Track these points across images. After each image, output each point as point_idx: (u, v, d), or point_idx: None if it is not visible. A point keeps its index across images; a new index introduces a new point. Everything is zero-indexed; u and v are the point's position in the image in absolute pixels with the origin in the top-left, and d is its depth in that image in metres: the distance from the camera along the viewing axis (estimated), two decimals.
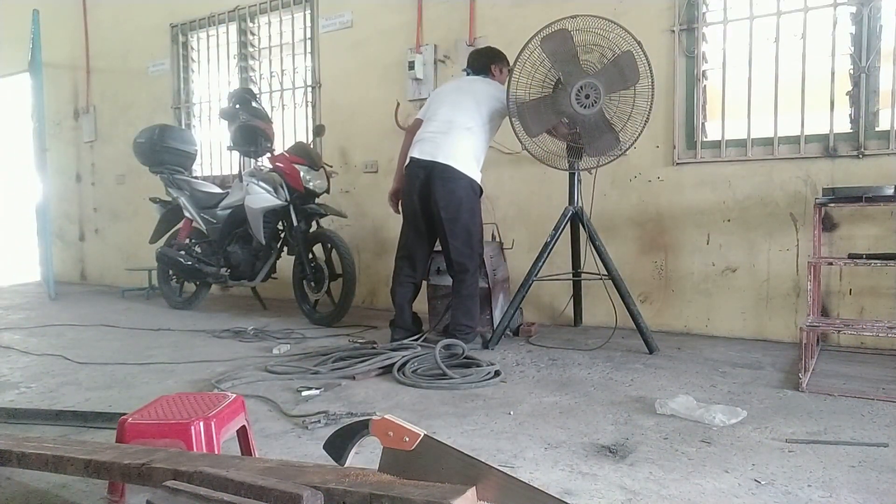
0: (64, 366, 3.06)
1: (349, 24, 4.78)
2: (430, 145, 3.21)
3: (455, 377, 2.63)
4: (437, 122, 3.26)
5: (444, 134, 3.21)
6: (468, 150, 3.21)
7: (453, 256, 3.19)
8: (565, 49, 3.03)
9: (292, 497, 1.06)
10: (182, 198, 4.61)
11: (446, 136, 3.20)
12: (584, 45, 3.06)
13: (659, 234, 3.69)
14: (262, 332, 3.74)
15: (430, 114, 3.34)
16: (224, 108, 4.42)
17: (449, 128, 3.21)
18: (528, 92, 3.14)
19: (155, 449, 1.42)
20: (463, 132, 3.21)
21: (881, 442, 1.91)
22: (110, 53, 6.37)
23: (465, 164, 3.18)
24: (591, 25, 3.03)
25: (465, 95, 3.30)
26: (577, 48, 3.03)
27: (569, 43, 3.02)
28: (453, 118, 3.23)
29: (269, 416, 2.25)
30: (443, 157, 3.16)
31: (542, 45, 3.05)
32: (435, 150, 3.19)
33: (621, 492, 1.60)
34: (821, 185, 3.17)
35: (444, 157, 3.16)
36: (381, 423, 1.28)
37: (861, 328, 2.62)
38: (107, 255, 6.61)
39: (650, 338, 3.13)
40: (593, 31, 3.05)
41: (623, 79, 2.98)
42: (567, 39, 3.02)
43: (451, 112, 3.25)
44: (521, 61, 3.13)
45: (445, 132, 3.21)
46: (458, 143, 3.19)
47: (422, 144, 3.25)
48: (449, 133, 3.20)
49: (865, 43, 3.13)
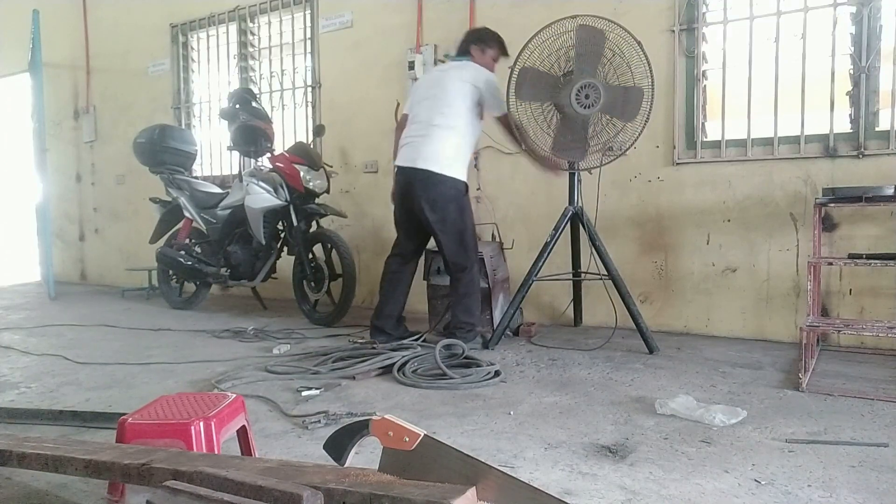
0: (64, 366, 3.06)
1: (349, 24, 4.78)
2: (411, 150, 3.19)
3: (455, 377, 2.63)
4: (417, 123, 3.23)
5: (424, 137, 3.17)
6: (450, 150, 3.16)
7: (448, 257, 3.20)
8: (592, 48, 3.02)
9: (292, 497, 1.06)
10: (182, 198, 4.61)
11: (425, 140, 3.16)
12: (590, 45, 3.05)
13: (659, 234, 3.69)
14: (262, 332, 3.74)
15: (412, 112, 3.30)
16: (224, 108, 4.42)
17: (428, 130, 3.17)
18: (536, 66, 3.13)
19: (155, 449, 1.42)
20: (443, 132, 3.15)
21: (881, 442, 1.91)
22: (110, 53, 6.37)
23: (448, 165, 3.14)
24: (593, 24, 3.03)
25: (442, 90, 3.21)
26: (601, 50, 3.02)
27: (599, 44, 3.02)
28: (431, 118, 3.17)
29: (269, 416, 2.25)
30: (422, 162, 3.13)
31: (578, 31, 3.03)
32: (415, 154, 3.16)
33: (621, 492, 1.60)
34: (821, 185, 3.17)
35: (424, 161, 3.13)
36: (381, 423, 1.28)
37: (861, 328, 2.62)
38: (107, 255, 6.61)
39: (650, 338, 3.13)
40: (596, 31, 3.04)
41: (623, 106, 3.02)
42: (599, 40, 3.02)
43: (429, 111, 3.19)
44: (541, 38, 3.10)
45: (424, 135, 3.17)
46: (439, 145, 3.15)
47: (404, 150, 3.24)
48: (428, 136, 3.16)
49: (865, 43, 3.13)
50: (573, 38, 3.05)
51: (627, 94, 3.01)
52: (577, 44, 3.04)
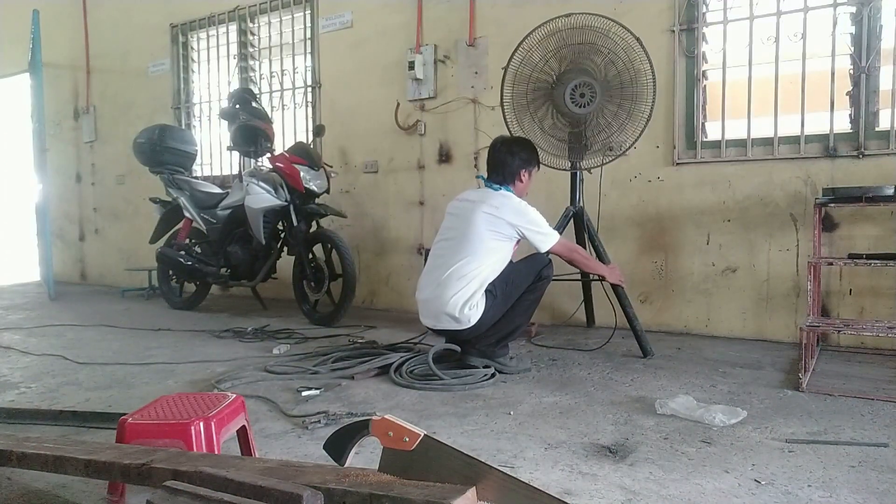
0: (64, 366, 3.06)
1: (349, 24, 4.78)
2: (425, 308, 2.83)
3: (445, 377, 2.61)
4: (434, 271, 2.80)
5: (438, 289, 2.73)
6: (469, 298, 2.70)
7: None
8: (587, 46, 3.02)
9: (292, 497, 1.06)
10: (182, 198, 4.61)
11: (438, 300, 2.73)
12: (586, 44, 3.06)
13: (659, 234, 3.69)
14: (262, 332, 3.74)
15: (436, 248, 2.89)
16: (224, 109, 4.42)
17: (446, 280, 2.72)
18: (527, 88, 3.12)
19: (155, 449, 1.41)
20: (461, 282, 2.70)
21: (881, 442, 1.91)
22: (110, 53, 6.37)
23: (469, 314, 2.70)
24: (590, 23, 3.03)
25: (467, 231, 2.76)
26: (597, 48, 3.02)
27: (594, 42, 3.02)
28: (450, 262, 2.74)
29: (269, 416, 2.25)
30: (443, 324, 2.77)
31: (571, 29, 3.01)
32: (434, 320, 2.80)
33: (621, 492, 1.60)
34: (821, 185, 3.17)
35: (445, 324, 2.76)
36: (381, 423, 1.28)
37: (861, 328, 2.61)
38: (107, 255, 6.61)
39: (646, 342, 3.08)
40: (593, 30, 3.04)
41: (621, 104, 3.01)
42: (594, 38, 3.02)
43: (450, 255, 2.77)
44: (534, 38, 3.09)
45: (439, 285, 2.74)
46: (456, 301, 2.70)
47: (421, 306, 2.85)
48: (445, 287, 2.71)
49: (865, 43, 3.13)
50: (566, 37, 3.05)
51: (624, 91, 3.01)
52: (572, 42, 3.04)
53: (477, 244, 2.72)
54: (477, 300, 2.69)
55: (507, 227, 2.73)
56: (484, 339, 2.80)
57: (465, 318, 2.68)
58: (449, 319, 2.71)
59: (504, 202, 2.77)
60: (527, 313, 2.84)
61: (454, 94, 4.32)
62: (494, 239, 2.73)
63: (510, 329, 2.81)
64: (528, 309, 2.83)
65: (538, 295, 2.83)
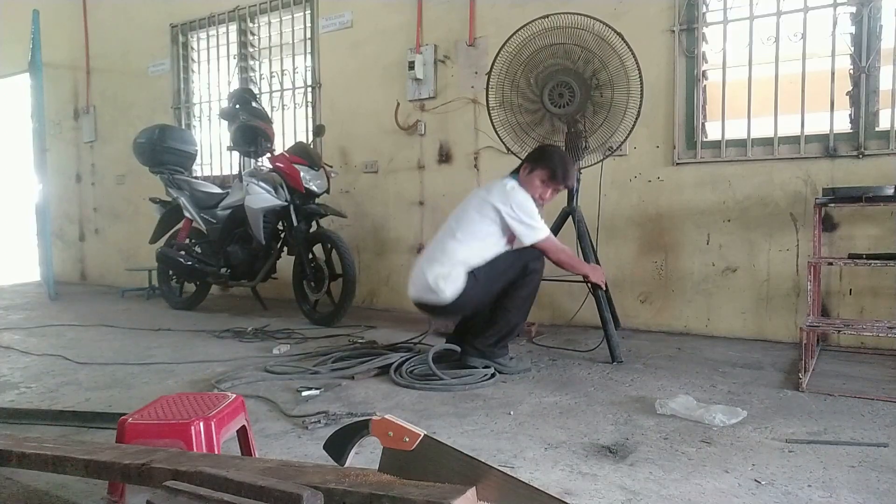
0: (64, 366, 3.06)
1: (349, 24, 4.78)
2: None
3: (445, 377, 2.61)
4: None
5: (425, 263, 2.82)
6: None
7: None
8: (566, 46, 3.02)
9: (292, 497, 1.06)
10: (182, 198, 4.61)
11: (421, 272, 2.80)
12: (567, 44, 3.05)
13: (659, 235, 3.69)
14: (262, 332, 3.74)
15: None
16: (224, 109, 4.42)
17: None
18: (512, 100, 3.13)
19: (155, 449, 1.41)
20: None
21: (881, 442, 1.91)
22: (110, 53, 6.37)
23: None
24: (569, 23, 3.03)
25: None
26: (576, 47, 3.02)
27: (576, 41, 3.02)
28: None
29: (269, 416, 2.25)
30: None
31: (551, 30, 3.02)
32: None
33: (621, 492, 1.60)
34: (821, 185, 3.17)
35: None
36: (381, 423, 1.28)
37: (861, 328, 2.61)
38: (107, 255, 6.61)
39: (616, 347, 2.98)
40: (577, 29, 3.04)
41: (604, 102, 3.01)
42: (574, 37, 3.02)
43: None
44: (515, 41, 3.10)
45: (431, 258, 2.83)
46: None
47: (410, 279, 2.92)
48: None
49: (865, 43, 3.13)
50: (547, 39, 3.05)
51: (602, 89, 2.99)
52: (551, 43, 3.04)
53: (465, 225, 2.78)
54: (455, 277, 2.71)
55: (492, 210, 2.74)
56: (483, 338, 2.80)
57: (440, 291, 2.70)
58: (426, 290, 2.75)
59: (498, 187, 2.79)
60: (522, 311, 2.84)
61: (454, 94, 4.32)
62: (481, 221, 2.76)
63: (508, 328, 2.81)
64: (523, 306, 2.83)
65: (530, 290, 2.81)
